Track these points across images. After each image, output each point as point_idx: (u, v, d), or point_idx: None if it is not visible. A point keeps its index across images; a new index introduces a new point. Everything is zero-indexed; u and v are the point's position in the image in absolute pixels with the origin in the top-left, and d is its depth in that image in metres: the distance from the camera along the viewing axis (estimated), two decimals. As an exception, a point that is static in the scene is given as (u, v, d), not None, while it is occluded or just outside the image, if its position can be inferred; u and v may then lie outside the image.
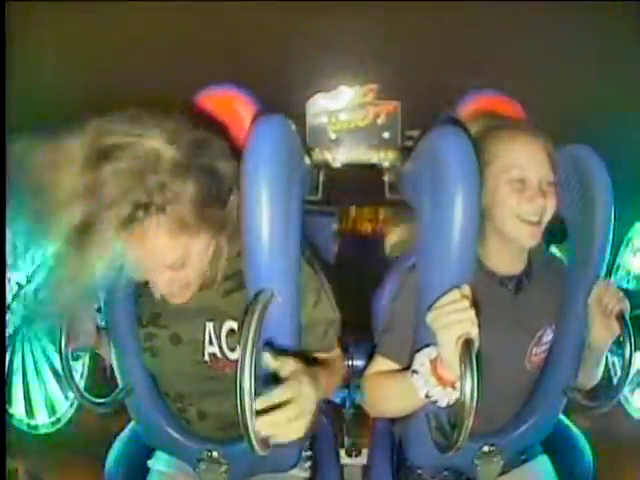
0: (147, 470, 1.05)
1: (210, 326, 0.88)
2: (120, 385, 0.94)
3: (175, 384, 0.94)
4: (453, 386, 0.77)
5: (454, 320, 0.73)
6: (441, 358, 0.76)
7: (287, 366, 0.70)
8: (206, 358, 0.89)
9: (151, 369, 0.94)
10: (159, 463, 1.04)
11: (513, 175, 0.90)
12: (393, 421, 1.15)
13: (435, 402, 0.79)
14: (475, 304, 0.75)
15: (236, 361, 0.76)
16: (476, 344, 0.73)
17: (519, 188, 0.90)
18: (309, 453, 1.07)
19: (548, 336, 1.00)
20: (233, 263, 0.85)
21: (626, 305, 0.93)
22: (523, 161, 0.90)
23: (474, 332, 0.73)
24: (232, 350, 0.87)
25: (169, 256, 0.75)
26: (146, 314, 0.92)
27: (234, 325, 0.87)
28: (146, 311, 0.92)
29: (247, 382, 0.64)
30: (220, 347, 0.88)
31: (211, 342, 0.88)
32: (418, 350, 0.82)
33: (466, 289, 0.77)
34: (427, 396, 0.79)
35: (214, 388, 0.91)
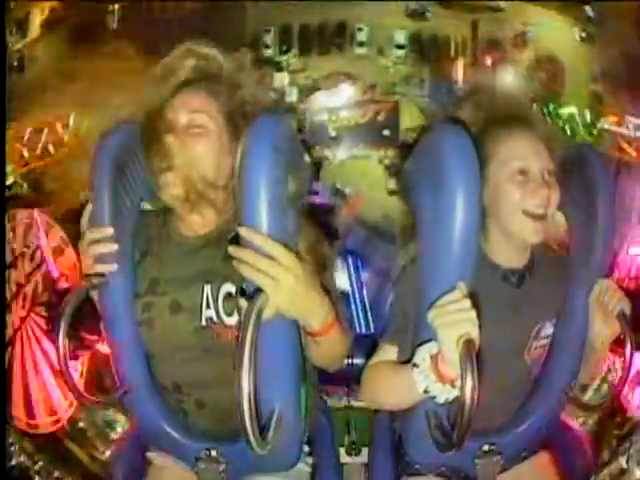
0: (147, 469, 1.05)
1: (208, 289, 0.89)
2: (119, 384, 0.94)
3: (171, 369, 0.93)
4: (452, 383, 0.76)
5: (455, 319, 0.73)
6: (442, 355, 0.76)
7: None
8: (203, 323, 0.89)
9: (147, 345, 0.93)
10: (158, 456, 1.03)
11: (514, 167, 0.90)
12: (393, 418, 1.15)
13: (433, 398, 0.79)
14: (476, 304, 0.75)
15: (232, 327, 0.84)
16: (476, 345, 0.73)
17: (521, 181, 0.89)
18: (308, 449, 1.06)
19: (547, 330, 0.99)
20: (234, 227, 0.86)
21: (627, 305, 0.93)
22: (522, 151, 0.90)
23: (475, 333, 0.73)
24: (229, 315, 0.88)
25: (195, 103, 0.89)
26: (145, 282, 0.93)
27: (232, 288, 0.88)
28: (145, 279, 0.93)
29: (246, 385, 0.64)
30: (217, 311, 0.89)
31: (208, 305, 0.89)
32: (420, 344, 0.81)
33: (464, 289, 0.77)
34: (426, 391, 0.79)
35: (211, 372, 0.90)
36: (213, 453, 0.92)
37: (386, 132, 1.91)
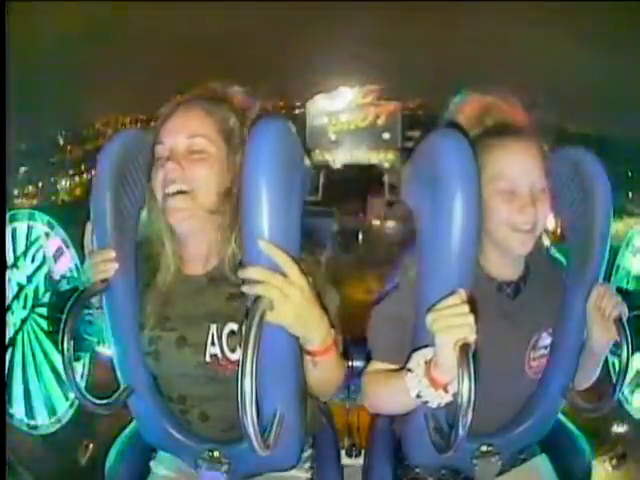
0: (148, 469, 1.05)
1: (213, 328, 0.91)
2: (122, 386, 0.94)
3: (177, 387, 0.95)
4: (445, 389, 0.77)
5: (453, 324, 0.74)
6: (436, 361, 0.76)
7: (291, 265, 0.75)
8: (207, 359, 0.91)
9: (154, 372, 0.95)
10: (161, 465, 1.04)
11: (502, 186, 0.90)
12: (392, 420, 1.15)
13: (426, 402, 0.80)
14: (474, 310, 0.75)
15: (236, 362, 0.84)
16: (473, 349, 0.74)
17: (509, 198, 0.90)
18: (309, 452, 1.07)
19: (544, 340, 1.00)
20: (236, 261, 0.89)
21: (624, 310, 0.93)
22: (511, 172, 0.90)
23: (472, 337, 0.73)
24: (232, 351, 0.90)
25: (194, 128, 0.89)
26: (152, 318, 0.94)
27: (235, 327, 0.90)
28: (152, 315, 0.94)
29: (248, 386, 0.65)
30: (221, 347, 0.91)
31: (213, 343, 0.91)
32: (415, 349, 0.82)
33: (463, 294, 0.77)
34: (418, 396, 0.79)
35: (216, 391, 0.92)
36: (216, 454, 0.92)
37: (386, 136, 1.91)
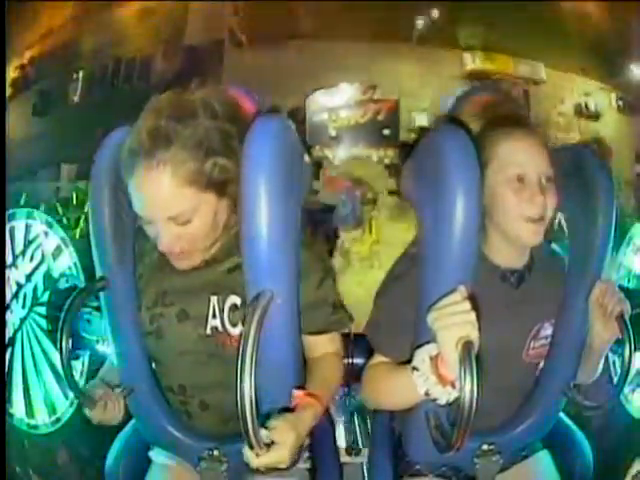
0: (147, 468, 1.05)
1: (214, 300, 0.91)
2: (121, 385, 0.94)
3: (177, 372, 0.95)
4: (453, 385, 0.76)
5: (455, 322, 0.73)
6: (442, 357, 0.76)
7: (277, 432, 0.76)
8: (208, 331, 0.91)
9: (155, 353, 0.95)
10: (160, 455, 1.04)
11: (511, 173, 0.90)
12: (392, 417, 1.15)
13: (434, 400, 0.79)
14: (476, 306, 0.75)
15: (236, 336, 0.87)
16: (476, 347, 0.73)
17: (518, 187, 0.89)
18: (306, 442, 1.05)
19: (546, 330, 0.99)
20: (235, 240, 0.87)
21: (626, 306, 0.93)
22: (520, 158, 0.90)
23: (474, 335, 0.73)
24: (233, 325, 0.90)
25: (174, 208, 0.81)
26: (152, 296, 0.94)
27: (237, 300, 0.90)
28: (151, 293, 0.94)
29: (247, 386, 0.64)
30: (222, 321, 0.90)
31: (214, 315, 0.91)
32: (419, 346, 0.81)
33: (464, 291, 0.77)
34: (427, 394, 0.78)
35: (215, 374, 0.91)
36: (215, 453, 0.92)
37: (386, 132, 1.91)
